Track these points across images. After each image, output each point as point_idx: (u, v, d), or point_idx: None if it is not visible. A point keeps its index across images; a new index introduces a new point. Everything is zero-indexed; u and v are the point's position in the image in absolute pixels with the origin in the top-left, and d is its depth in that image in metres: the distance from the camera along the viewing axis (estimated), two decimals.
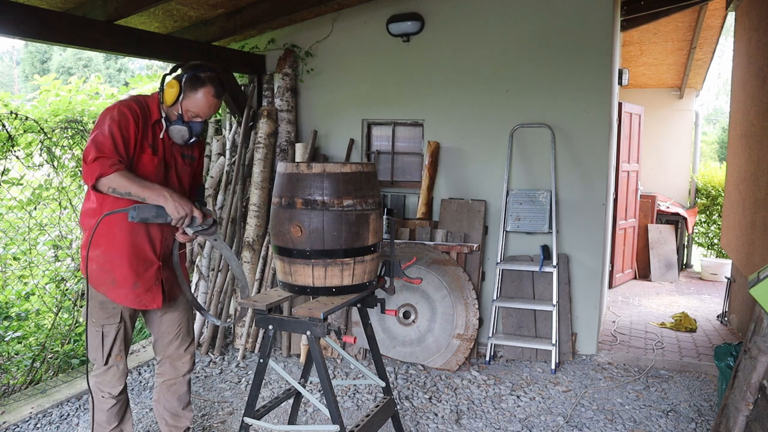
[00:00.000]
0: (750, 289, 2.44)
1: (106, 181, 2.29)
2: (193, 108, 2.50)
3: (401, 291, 4.36)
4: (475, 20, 4.58)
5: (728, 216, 5.75)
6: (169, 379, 2.84)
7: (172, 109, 2.52)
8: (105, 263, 2.52)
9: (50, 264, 4.29)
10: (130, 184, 2.31)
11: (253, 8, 4.31)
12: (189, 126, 2.53)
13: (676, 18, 6.03)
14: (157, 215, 2.36)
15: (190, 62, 2.53)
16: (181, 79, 2.48)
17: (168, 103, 2.49)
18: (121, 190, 2.31)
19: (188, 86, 2.47)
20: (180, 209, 2.36)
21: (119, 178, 2.29)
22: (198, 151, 2.78)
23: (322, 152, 5.04)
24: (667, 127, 8.99)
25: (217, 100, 2.53)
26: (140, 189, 2.32)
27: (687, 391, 3.95)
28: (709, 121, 20.83)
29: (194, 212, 2.41)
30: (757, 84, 4.53)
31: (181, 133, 2.53)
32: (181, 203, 2.36)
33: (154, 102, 2.56)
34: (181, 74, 2.49)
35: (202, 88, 2.47)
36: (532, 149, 4.53)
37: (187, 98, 2.48)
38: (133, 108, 2.44)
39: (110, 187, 2.30)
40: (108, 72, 25.06)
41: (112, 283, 2.53)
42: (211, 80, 2.50)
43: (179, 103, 2.49)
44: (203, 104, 2.50)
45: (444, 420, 3.52)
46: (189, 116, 2.52)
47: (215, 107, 2.55)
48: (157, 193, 2.34)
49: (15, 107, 3.87)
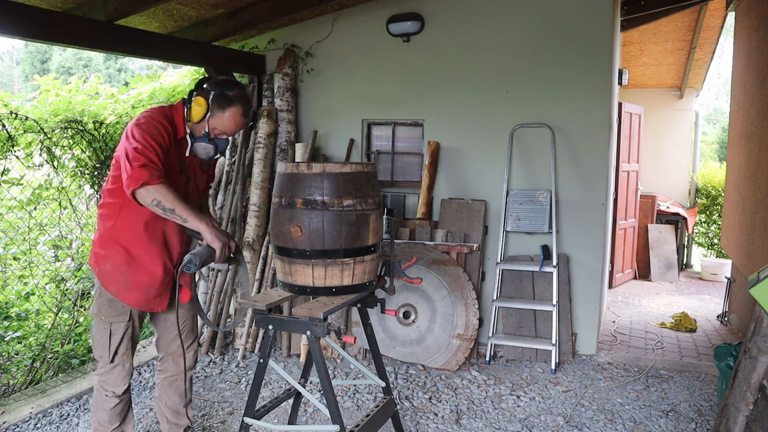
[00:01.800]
0: (750, 289, 2.44)
1: (152, 189, 2.20)
2: (220, 126, 2.48)
3: (401, 291, 4.36)
4: (475, 20, 4.58)
5: (728, 216, 5.75)
6: (170, 376, 2.84)
7: (198, 126, 2.50)
8: (120, 266, 2.51)
9: (50, 264, 4.29)
10: (174, 200, 2.24)
11: (253, 8, 4.31)
12: (215, 143, 2.50)
13: (676, 18, 6.03)
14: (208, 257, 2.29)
15: (217, 78, 2.50)
16: (209, 96, 2.44)
17: (195, 120, 2.47)
18: (166, 204, 2.22)
19: (216, 105, 2.44)
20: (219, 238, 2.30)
21: (165, 191, 2.23)
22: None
23: (322, 152, 5.04)
24: (667, 127, 8.99)
25: (245, 119, 2.51)
26: (183, 210, 2.25)
27: (687, 391, 3.95)
28: (709, 121, 20.83)
29: (230, 242, 2.37)
30: (757, 84, 4.53)
31: (206, 151, 2.51)
32: (218, 233, 2.31)
33: (179, 117, 2.52)
34: (208, 90, 2.45)
35: (231, 107, 2.45)
36: (532, 149, 4.53)
37: (214, 116, 2.46)
38: (166, 125, 2.41)
39: (154, 198, 2.21)
40: (108, 72, 25.07)
41: (124, 285, 2.52)
42: (240, 99, 2.47)
43: (206, 120, 2.46)
44: (231, 123, 2.48)
45: (444, 420, 3.52)
46: (215, 134, 2.50)
47: (243, 125, 2.53)
48: (197, 219, 2.28)
49: (15, 107, 3.86)
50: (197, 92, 2.49)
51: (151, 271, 2.54)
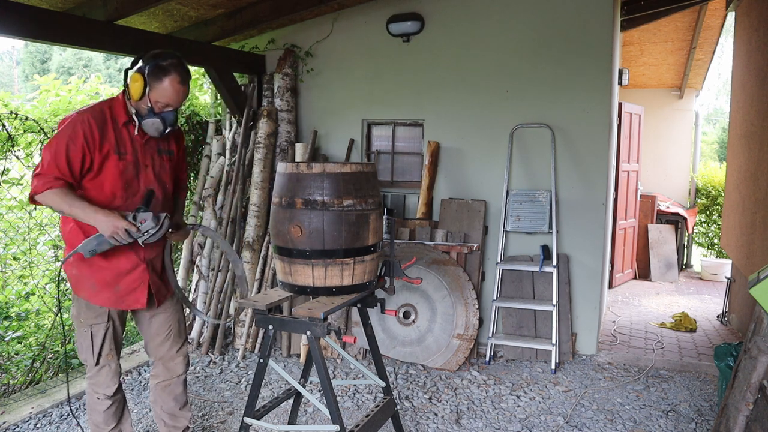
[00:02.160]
0: (750, 289, 2.44)
1: (40, 198, 2.33)
2: (162, 98, 2.45)
3: (401, 291, 4.36)
4: (475, 20, 4.58)
5: (728, 216, 5.75)
6: (163, 381, 2.83)
7: (140, 104, 2.47)
8: (82, 268, 2.51)
9: (50, 264, 4.28)
10: (60, 203, 2.32)
11: (253, 8, 4.31)
12: (162, 117, 2.47)
13: (676, 18, 6.03)
14: (100, 243, 2.37)
15: (150, 52, 2.47)
16: (144, 71, 2.42)
17: (135, 97, 2.44)
18: (55, 207, 2.35)
19: (152, 77, 2.42)
20: (110, 226, 2.32)
21: (52, 196, 2.31)
22: (175, 143, 2.72)
23: (322, 152, 5.04)
24: (667, 127, 8.99)
25: (185, 87, 2.48)
26: (70, 208, 2.33)
27: (687, 391, 3.95)
28: (709, 121, 20.83)
29: (124, 226, 2.34)
30: (757, 84, 4.53)
31: (155, 126, 2.48)
32: (108, 220, 2.32)
33: (119, 104, 2.51)
34: (143, 66, 2.44)
35: (167, 76, 2.42)
36: (532, 149, 4.53)
37: (153, 89, 2.43)
38: (86, 119, 2.39)
39: (45, 203, 2.34)
40: (108, 72, 25.06)
41: (92, 288, 2.52)
42: (175, 67, 2.44)
43: (146, 96, 2.44)
44: (171, 93, 2.45)
45: (444, 420, 3.52)
46: (159, 107, 2.47)
47: (184, 94, 2.50)
48: (84, 213, 2.33)
49: (15, 107, 3.86)
50: (133, 69, 2.47)
51: (114, 267, 2.52)
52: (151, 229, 2.41)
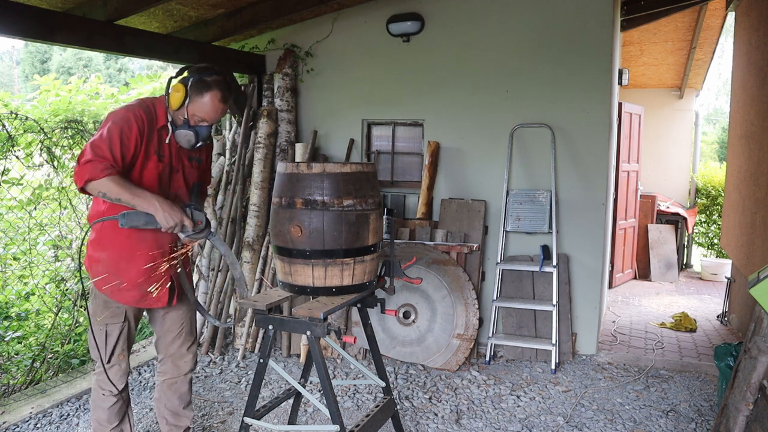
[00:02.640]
0: (750, 289, 2.44)
1: (96, 184, 2.26)
2: (200, 112, 2.47)
3: (401, 291, 4.36)
4: (475, 20, 4.58)
5: (728, 216, 5.75)
6: (170, 378, 2.84)
7: (177, 113, 2.50)
8: (112, 266, 2.51)
9: (50, 264, 4.28)
10: (120, 190, 2.28)
11: (253, 8, 4.31)
12: (195, 131, 2.50)
13: (676, 18, 6.03)
14: (147, 223, 2.36)
15: (196, 65, 2.50)
16: (187, 82, 2.44)
17: (174, 107, 2.46)
18: (111, 195, 2.29)
19: (194, 90, 2.44)
20: (170, 219, 2.35)
21: (110, 183, 2.27)
22: (205, 152, 2.77)
23: (322, 152, 5.04)
24: (667, 127, 8.99)
25: (224, 105, 2.50)
26: (131, 196, 2.30)
27: (687, 391, 3.95)
28: (709, 121, 20.83)
29: (184, 221, 2.39)
30: (757, 84, 4.53)
31: (187, 138, 2.51)
32: (171, 213, 2.35)
33: (161, 106, 2.53)
34: (187, 77, 2.46)
35: (209, 92, 2.44)
36: (532, 149, 4.53)
37: (193, 102, 2.45)
38: (139, 114, 2.41)
39: (100, 191, 2.28)
40: (108, 72, 25.05)
41: (118, 286, 2.52)
42: (218, 84, 2.46)
43: (185, 107, 2.46)
44: (210, 109, 2.47)
45: (444, 420, 3.52)
46: (195, 120, 2.49)
47: (222, 112, 2.52)
48: (147, 202, 2.33)
49: (15, 107, 3.86)
50: (177, 79, 2.49)
51: (142, 265, 2.53)
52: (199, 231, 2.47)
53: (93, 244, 2.54)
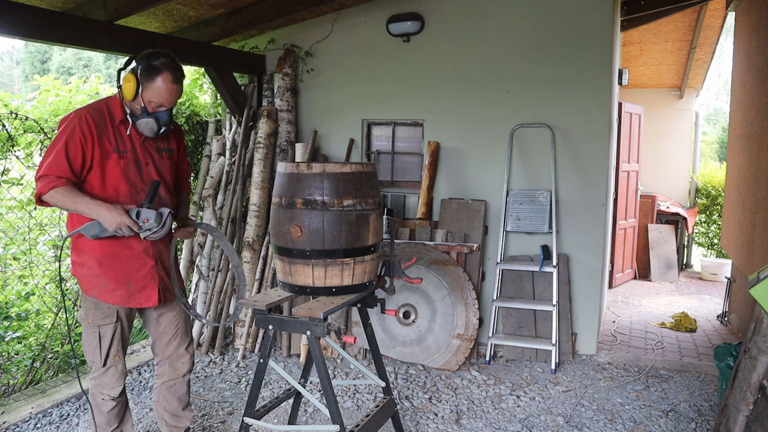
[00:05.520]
0: (750, 289, 2.44)
1: (46, 198, 2.34)
2: (155, 98, 2.46)
3: (401, 291, 4.36)
4: (475, 20, 4.58)
5: (728, 216, 5.75)
6: (168, 380, 2.84)
7: (134, 104, 2.48)
8: (94, 267, 2.51)
9: (50, 264, 4.28)
10: (64, 200, 2.34)
11: (253, 8, 4.31)
12: (155, 117, 2.49)
13: (676, 18, 6.03)
14: (102, 230, 2.39)
15: (143, 52, 2.48)
16: (137, 71, 2.43)
17: (128, 98, 2.45)
18: (60, 205, 2.37)
19: (145, 77, 2.43)
20: (112, 222, 2.35)
21: (57, 195, 2.33)
22: (175, 141, 2.74)
23: (322, 152, 5.04)
24: (667, 127, 8.99)
25: (177, 86, 2.49)
26: (74, 204, 2.35)
27: (687, 391, 3.95)
28: (709, 121, 20.82)
29: (125, 222, 2.36)
30: (757, 84, 4.53)
31: (149, 126, 2.50)
32: (111, 216, 2.34)
33: (116, 103, 2.52)
34: (136, 66, 2.45)
35: (159, 75, 2.43)
36: (532, 149, 4.53)
37: (146, 89, 2.44)
38: (84, 117, 2.41)
39: (51, 203, 2.36)
40: (108, 72, 25.06)
41: (104, 286, 2.52)
42: (167, 66, 2.45)
43: (140, 96, 2.45)
44: (164, 91, 2.45)
45: (444, 420, 3.52)
46: (153, 107, 2.48)
47: (177, 93, 2.50)
48: (89, 208, 2.35)
49: (15, 107, 3.86)
50: (126, 70, 2.49)
51: (126, 265, 2.54)
52: (153, 227, 2.42)
53: (74, 250, 2.56)
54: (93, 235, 2.41)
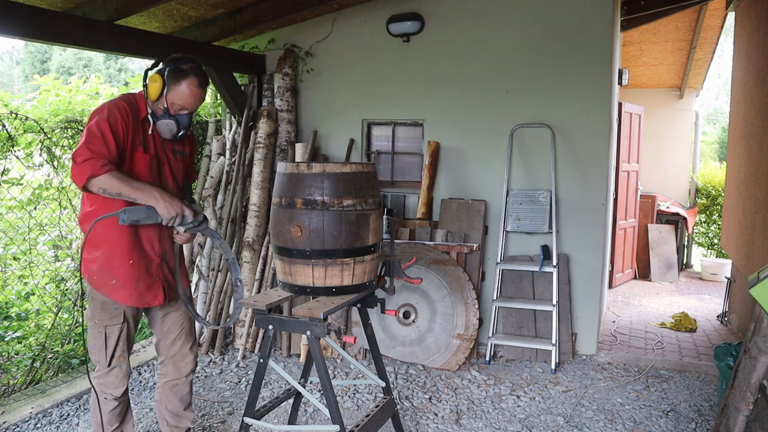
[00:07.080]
0: (750, 289, 2.44)
1: (97, 181, 2.29)
2: (178, 101, 2.49)
3: (401, 291, 4.36)
4: (475, 20, 4.58)
5: (728, 216, 5.75)
6: (171, 380, 2.83)
7: (157, 104, 2.52)
8: (105, 264, 2.51)
9: (50, 264, 4.28)
10: (121, 185, 2.32)
11: (253, 8, 4.31)
12: (176, 119, 2.52)
13: (676, 18, 6.03)
14: (148, 216, 2.38)
15: (171, 55, 2.52)
16: (164, 72, 2.47)
17: (152, 97, 2.48)
18: (112, 190, 2.31)
19: (171, 79, 2.47)
20: (171, 209, 2.38)
21: (111, 179, 2.30)
22: (189, 146, 2.77)
23: (322, 152, 5.04)
24: (667, 127, 8.99)
25: (201, 91, 2.53)
26: (131, 190, 2.33)
27: (687, 391, 3.95)
28: (709, 121, 20.82)
29: (185, 211, 2.43)
30: (757, 84, 4.53)
31: (168, 127, 2.53)
32: (171, 203, 2.39)
33: (142, 99, 2.56)
34: (163, 68, 2.49)
35: (185, 79, 2.47)
36: (532, 149, 4.53)
37: (171, 91, 2.48)
38: (122, 107, 2.44)
39: (101, 187, 2.30)
40: (108, 72, 25.07)
41: (114, 284, 2.52)
42: (194, 71, 2.49)
43: (164, 97, 2.48)
44: (188, 96, 2.49)
45: (444, 420, 3.52)
46: (175, 109, 2.51)
47: (200, 98, 2.54)
48: (147, 194, 2.36)
49: (15, 107, 3.86)
50: (153, 70, 2.52)
51: (136, 262, 2.54)
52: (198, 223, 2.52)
53: (87, 246, 2.55)
54: (133, 220, 2.36)
